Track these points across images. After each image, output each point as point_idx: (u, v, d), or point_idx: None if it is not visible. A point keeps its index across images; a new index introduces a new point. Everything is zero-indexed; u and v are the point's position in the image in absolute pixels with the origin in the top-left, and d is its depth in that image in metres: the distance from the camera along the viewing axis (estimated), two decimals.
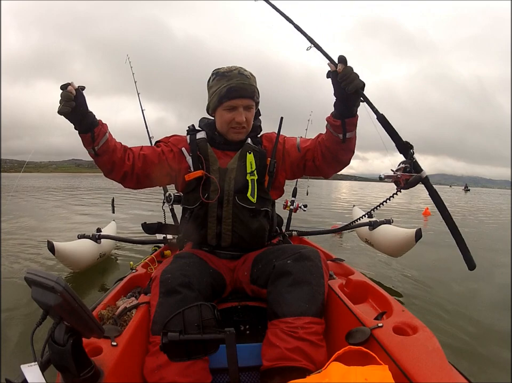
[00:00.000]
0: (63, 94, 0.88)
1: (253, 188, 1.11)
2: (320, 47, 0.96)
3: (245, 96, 1.09)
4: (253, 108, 1.14)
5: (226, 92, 1.08)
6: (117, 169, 1.06)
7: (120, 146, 1.06)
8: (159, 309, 0.88)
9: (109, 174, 1.08)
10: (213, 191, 1.11)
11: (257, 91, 1.13)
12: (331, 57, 0.91)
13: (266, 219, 1.16)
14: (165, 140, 1.22)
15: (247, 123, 1.13)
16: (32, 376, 0.54)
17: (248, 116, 1.12)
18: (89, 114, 0.96)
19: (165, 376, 0.77)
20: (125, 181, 1.11)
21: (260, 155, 1.15)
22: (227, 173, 1.12)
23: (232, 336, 0.66)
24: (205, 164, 1.14)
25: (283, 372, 0.79)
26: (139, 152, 1.11)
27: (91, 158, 1.03)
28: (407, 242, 2.12)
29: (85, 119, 0.96)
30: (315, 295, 0.89)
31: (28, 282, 0.56)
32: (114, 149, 1.03)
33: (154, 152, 1.14)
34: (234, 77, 1.09)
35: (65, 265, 2.13)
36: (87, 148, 1.00)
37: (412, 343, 0.69)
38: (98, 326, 0.58)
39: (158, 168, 1.14)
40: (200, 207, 1.12)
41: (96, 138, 0.98)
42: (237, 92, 1.08)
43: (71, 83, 0.90)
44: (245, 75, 1.11)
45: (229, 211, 1.11)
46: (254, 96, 1.12)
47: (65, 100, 0.88)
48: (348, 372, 0.58)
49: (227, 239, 1.12)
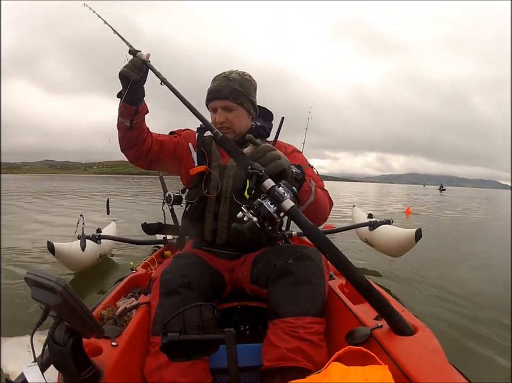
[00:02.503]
0: (135, 61, 0.94)
1: (250, 187, 1.12)
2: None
3: (219, 97, 1.13)
4: (235, 109, 1.15)
5: (207, 95, 1.18)
6: (137, 149, 1.11)
7: (146, 127, 1.12)
8: (160, 310, 0.88)
9: (127, 150, 1.13)
10: (213, 187, 1.14)
11: (239, 91, 1.14)
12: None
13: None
14: (179, 132, 1.29)
15: (229, 123, 1.15)
16: (32, 376, 0.54)
17: (229, 116, 1.15)
18: (143, 88, 1.03)
19: (165, 377, 0.77)
20: (138, 160, 1.16)
21: None
22: (226, 170, 1.15)
23: (232, 336, 0.66)
24: (208, 160, 1.18)
25: (283, 372, 0.79)
26: (157, 138, 1.16)
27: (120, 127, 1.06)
28: (407, 242, 2.12)
29: (139, 92, 1.01)
30: (316, 295, 0.89)
31: (28, 282, 0.56)
32: (144, 129, 1.09)
33: (171, 140, 1.21)
34: (216, 81, 1.16)
35: (65, 265, 2.13)
36: (124, 118, 1.05)
37: (412, 343, 0.69)
38: (98, 327, 0.58)
39: (171, 157, 1.20)
40: (200, 202, 1.15)
41: (138, 113, 1.04)
42: (213, 94, 1.15)
43: (141, 52, 0.95)
44: (228, 77, 1.14)
45: (226, 208, 1.13)
46: (230, 96, 1.13)
47: (137, 68, 0.94)
48: (348, 372, 0.58)
49: (222, 236, 1.13)
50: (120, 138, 1.10)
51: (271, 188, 0.74)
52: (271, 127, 1.30)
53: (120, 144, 1.12)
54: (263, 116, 1.32)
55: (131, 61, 0.97)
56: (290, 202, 0.72)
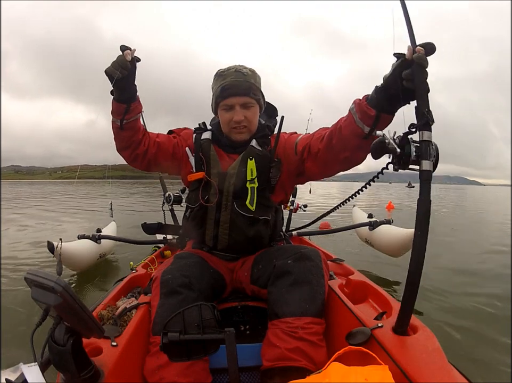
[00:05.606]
0: (120, 59, 0.89)
1: (252, 195, 1.06)
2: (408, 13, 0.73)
3: (239, 93, 1.04)
4: (253, 106, 1.08)
5: (220, 92, 1.06)
6: (131, 150, 1.08)
7: (142, 128, 1.08)
8: (160, 309, 0.88)
9: (122, 151, 1.09)
10: (212, 194, 1.09)
11: (256, 87, 1.07)
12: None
13: (266, 227, 1.10)
14: (178, 131, 1.22)
15: (247, 122, 1.08)
16: (32, 376, 0.54)
17: (247, 114, 1.07)
18: (133, 85, 0.98)
19: (166, 376, 0.77)
20: (135, 162, 1.13)
21: (263, 159, 1.09)
22: (227, 177, 1.08)
23: (232, 336, 0.66)
24: (206, 166, 1.11)
25: (283, 372, 0.79)
26: (155, 139, 1.12)
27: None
28: (407, 241, 2.12)
29: (129, 91, 0.97)
30: (315, 295, 0.89)
31: (28, 283, 0.56)
32: (138, 129, 1.05)
33: (169, 142, 1.15)
34: (229, 76, 1.06)
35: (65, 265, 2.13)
36: (115, 117, 1.01)
37: (412, 343, 0.69)
38: (98, 327, 0.58)
39: (171, 158, 1.15)
40: (200, 209, 1.10)
41: (129, 112, 0.99)
42: (231, 90, 1.04)
43: (132, 49, 0.90)
44: (241, 72, 1.06)
45: (227, 216, 1.08)
46: (250, 92, 1.05)
47: (121, 66, 0.89)
48: (348, 372, 0.58)
49: (224, 242, 1.11)
50: (114, 137, 1.07)
51: (427, 141, 0.67)
52: (275, 124, 1.21)
53: (115, 144, 1.08)
54: (267, 112, 1.26)
55: (117, 59, 0.90)
56: (430, 165, 0.67)
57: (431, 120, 0.67)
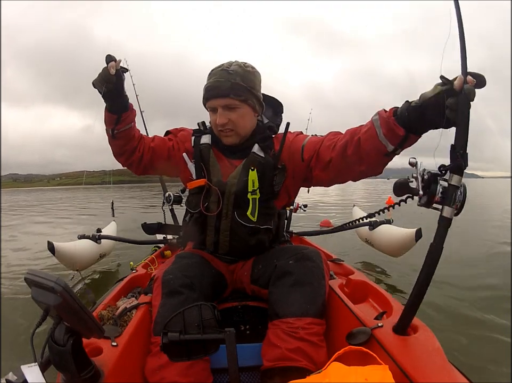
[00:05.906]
0: (104, 73, 0.86)
1: (253, 206, 1.03)
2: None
3: (219, 94, 0.97)
4: (239, 108, 0.99)
5: (204, 93, 1.02)
6: (126, 157, 1.07)
7: (137, 135, 1.06)
8: (162, 310, 0.87)
9: (117, 156, 1.09)
10: (212, 202, 1.05)
11: (241, 87, 0.98)
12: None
13: (267, 235, 1.08)
14: (175, 132, 1.18)
15: (233, 125, 1.01)
16: (32, 377, 0.54)
17: (232, 116, 0.99)
18: (123, 96, 0.96)
19: (166, 377, 0.77)
20: (130, 167, 1.12)
21: (266, 167, 1.04)
22: (227, 187, 1.04)
23: (232, 336, 0.66)
24: (206, 174, 1.07)
25: (283, 372, 0.79)
26: (150, 145, 1.09)
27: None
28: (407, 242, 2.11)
29: (118, 101, 0.95)
30: (316, 296, 0.89)
31: (28, 283, 0.56)
32: (131, 138, 1.03)
33: (164, 146, 1.12)
34: (213, 76, 0.99)
35: (65, 265, 2.13)
36: (107, 126, 1.00)
37: (413, 343, 0.69)
38: (98, 327, 0.58)
39: (167, 163, 1.12)
40: (200, 216, 1.07)
41: (120, 122, 0.97)
42: (212, 92, 0.99)
43: (117, 60, 0.86)
44: (227, 70, 0.98)
45: (227, 225, 1.05)
46: (231, 93, 0.96)
47: (105, 80, 0.86)
48: (348, 372, 0.58)
49: (224, 248, 1.09)
50: (109, 145, 1.06)
51: (455, 186, 0.63)
52: (281, 122, 1.17)
53: (112, 151, 1.08)
54: (272, 108, 1.20)
55: (101, 71, 0.87)
56: (452, 213, 0.64)
57: (465, 164, 0.62)
